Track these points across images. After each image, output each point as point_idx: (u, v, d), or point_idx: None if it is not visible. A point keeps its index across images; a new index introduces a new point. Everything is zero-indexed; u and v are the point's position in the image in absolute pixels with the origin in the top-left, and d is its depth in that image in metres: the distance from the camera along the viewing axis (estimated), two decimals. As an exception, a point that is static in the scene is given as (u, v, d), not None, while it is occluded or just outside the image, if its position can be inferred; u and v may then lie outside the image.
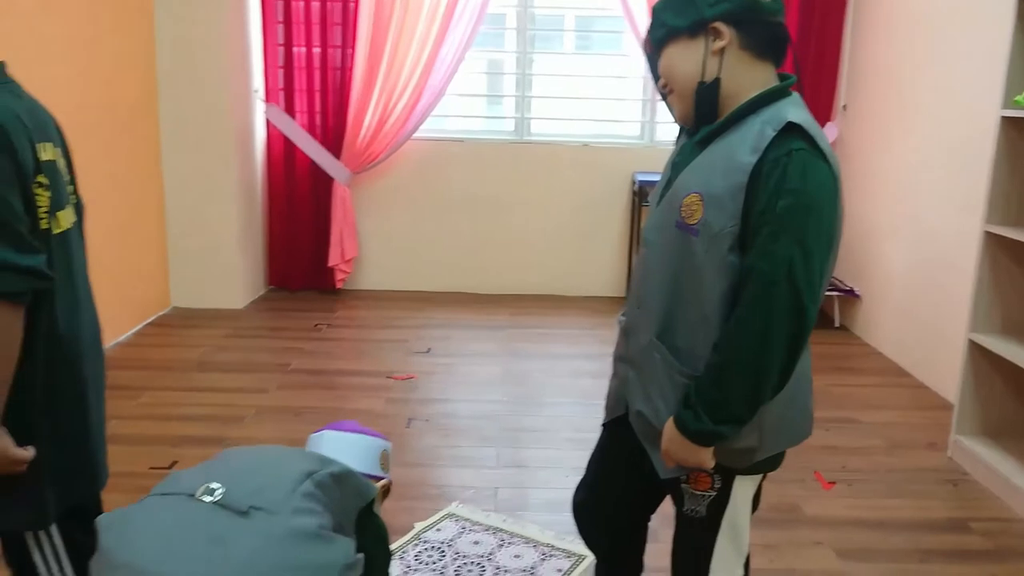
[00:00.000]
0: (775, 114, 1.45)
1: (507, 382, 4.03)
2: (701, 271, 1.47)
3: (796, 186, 1.38)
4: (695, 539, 1.67)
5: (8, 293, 1.45)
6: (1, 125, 1.46)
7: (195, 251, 5.02)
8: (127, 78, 4.48)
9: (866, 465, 3.24)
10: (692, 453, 1.50)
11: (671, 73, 1.54)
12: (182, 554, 1.31)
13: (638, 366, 1.65)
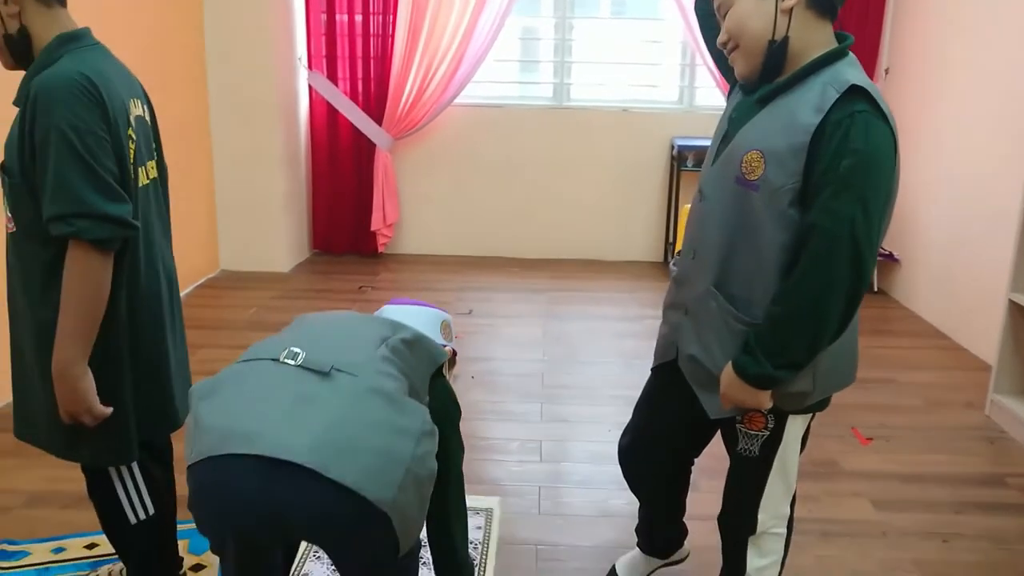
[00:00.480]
0: (836, 75, 1.50)
1: (548, 342, 4.12)
2: (760, 225, 1.54)
3: (859, 146, 1.43)
4: (748, 477, 1.76)
5: (99, 240, 1.57)
6: (92, 80, 1.59)
7: (242, 216, 5.16)
8: (176, 48, 4.59)
9: (904, 422, 3.29)
10: (751, 396, 1.58)
11: (740, 30, 1.55)
12: (270, 413, 1.35)
13: (692, 313, 1.73)
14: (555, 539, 2.46)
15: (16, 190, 1.62)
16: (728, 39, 1.59)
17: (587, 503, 2.66)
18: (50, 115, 1.54)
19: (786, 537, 1.84)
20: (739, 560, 1.82)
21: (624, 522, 2.52)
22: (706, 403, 1.74)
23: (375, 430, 1.37)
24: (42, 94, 1.55)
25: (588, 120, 5.51)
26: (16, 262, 1.69)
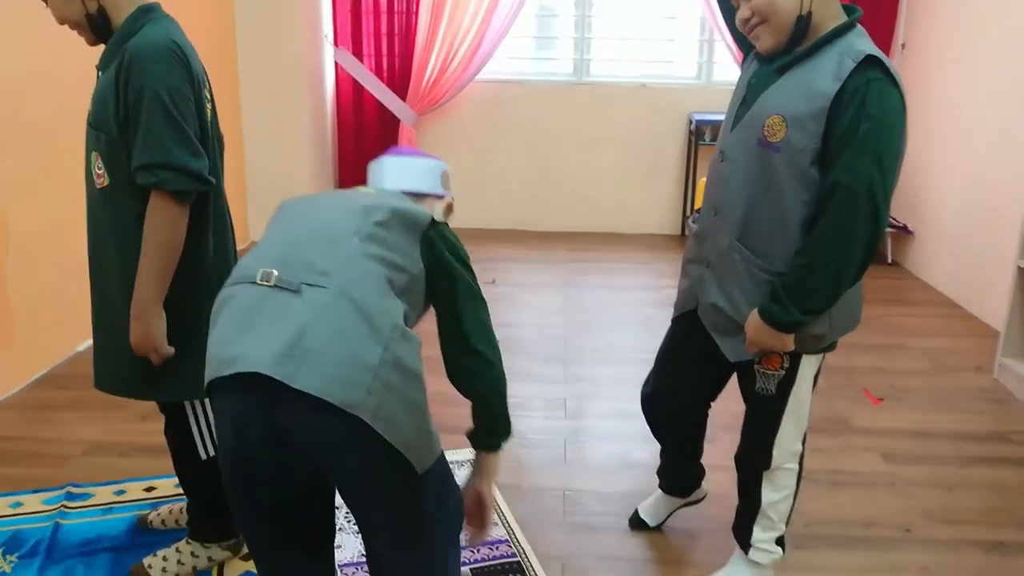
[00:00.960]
0: (850, 45, 1.64)
1: (570, 310, 4.27)
2: (781, 183, 1.69)
3: (875, 111, 1.59)
4: (764, 415, 1.91)
5: (179, 191, 1.73)
6: (179, 46, 1.77)
7: (270, 189, 5.31)
8: (207, 25, 4.73)
9: (914, 384, 3.42)
10: (777, 339, 1.74)
11: (771, 8, 1.66)
12: (247, 336, 1.37)
13: (714, 266, 1.88)
14: (580, 486, 2.62)
15: (115, 144, 1.77)
16: (752, 15, 1.70)
17: (610, 454, 2.82)
18: (144, 76, 1.70)
19: (798, 473, 1.99)
20: (755, 495, 1.97)
21: (646, 472, 2.68)
22: (725, 348, 1.88)
23: (340, 338, 1.35)
24: (137, 57, 1.71)
25: (607, 95, 5.62)
26: (107, 215, 1.84)
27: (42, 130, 3.25)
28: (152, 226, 1.75)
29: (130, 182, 1.77)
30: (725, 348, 1.89)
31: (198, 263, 1.87)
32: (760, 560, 2.03)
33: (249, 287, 1.44)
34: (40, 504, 2.45)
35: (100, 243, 1.89)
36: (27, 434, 2.87)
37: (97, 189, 1.84)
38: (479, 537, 1.73)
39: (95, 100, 1.81)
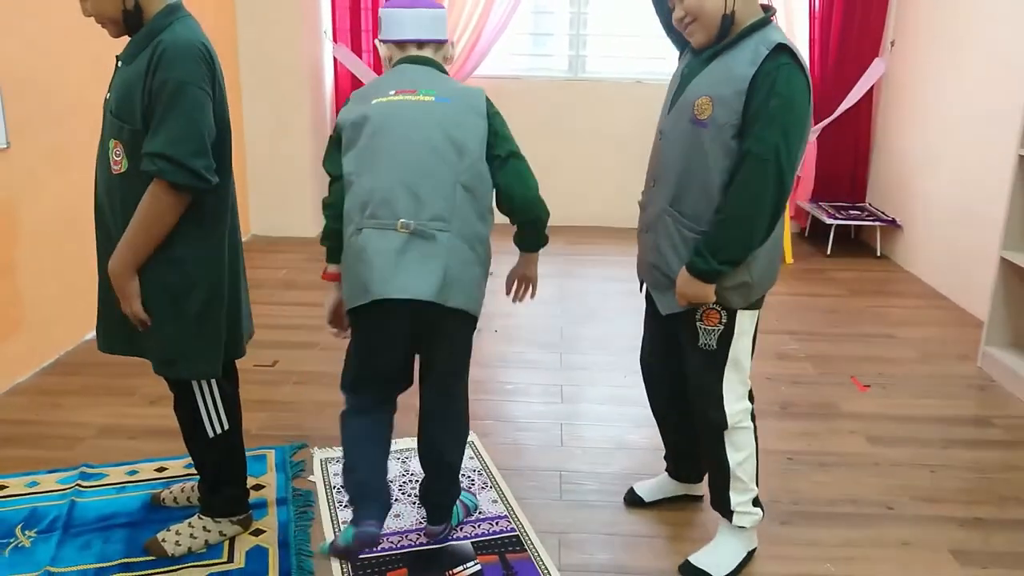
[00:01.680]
0: (764, 36, 1.89)
1: (565, 300, 4.37)
2: (707, 154, 1.93)
3: (783, 91, 1.84)
4: (708, 370, 2.09)
5: (173, 183, 1.84)
6: (208, 48, 1.88)
7: (271, 183, 5.40)
8: (208, 21, 4.81)
9: (900, 372, 3.52)
10: (700, 288, 1.96)
11: (700, 9, 1.92)
12: (404, 274, 1.93)
13: (651, 229, 2.11)
14: (576, 467, 2.71)
15: (137, 135, 1.86)
16: (685, 15, 1.96)
17: (605, 437, 2.91)
18: (171, 70, 1.80)
19: (753, 431, 2.16)
20: (721, 458, 2.13)
21: (640, 454, 2.78)
22: (660, 302, 2.13)
23: (465, 268, 2.00)
24: (168, 52, 1.80)
25: (603, 92, 5.71)
26: (121, 199, 1.92)
27: (53, 120, 3.33)
28: (145, 206, 1.86)
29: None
30: (659, 303, 2.13)
31: (220, 254, 1.99)
32: (744, 523, 2.17)
33: (390, 233, 1.95)
34: (55, 483, 2.53)
35: (111, 225, 1.98)
36: (39, 418, 2.96)
37: (114, 174, 1.92)
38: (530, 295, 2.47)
39: (118, 90, 1.90)
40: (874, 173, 5.66)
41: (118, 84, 1.92)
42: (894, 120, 5.37)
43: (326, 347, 3.65)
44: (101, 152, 1.97)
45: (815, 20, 5.40)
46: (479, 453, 2.78)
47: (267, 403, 3.09)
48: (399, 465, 2.70)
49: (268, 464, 2.67)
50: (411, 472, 2.66)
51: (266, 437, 2.84)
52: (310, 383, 3.30)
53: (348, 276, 2.02)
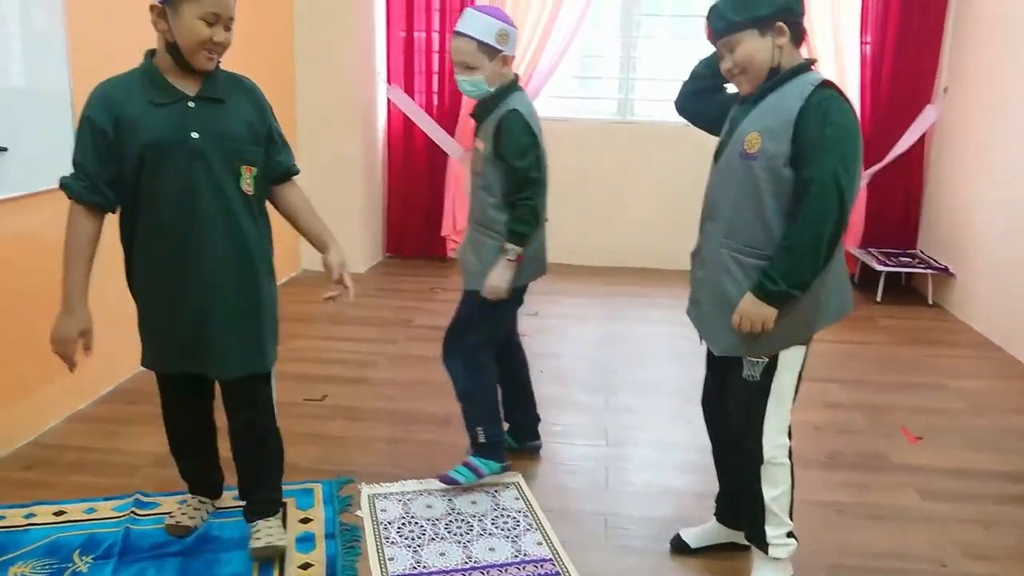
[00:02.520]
0: (807, 78, 2.02)
1: (611, 342, 4.38)
2: (759, 184, 2.02)
3: (836, 119, 1.94)
4: (751, 402, 2.13)
5: None
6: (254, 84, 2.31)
7: (323, 219, 5.50)
8: (269, 64, 4.98)
9: (952, 424, 3.46)
10: (763, 310, 2.02)
11: (749, 61, 2.04)
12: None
13: (706, 265, 2.18)
14: (621, 511, 2.71)
15: (261, 157, 2.24)
16: (733, 67, 2.07)
17: (650, 482, 2.91)
18: (264, 101, 2.29)
19: (790, 468, 2.17)
20: (755, 493, 2.16)
21: (686, 500, 2.77)
22: (710, 340, 2.20)
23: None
24: (254, 86, 2.30)
25: (651, 134, 5.76)
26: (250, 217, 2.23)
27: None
28: (307, 198, 2.51)
29: (262, 187, 2.27)
30: (711, 341, 2.20)
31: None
32: (780, 555, 2.20)
33: None
34: (111, 511, 2.61)
35: (217, 245, 2.17)
36: (98, 445, 3.05)
37: (244, 195, 2.20)
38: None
39: (229, 123, 2.17)
40: (926, 220, 5.60)
41: (223, 119, 2.15)
42: (947, 166, 5.32)
43: (375, 383, 3.71)
44: (211, 182, 2.13)
45: (866, 65, 5.40)
46: (524, 494, 2.79)
47: (316, 437, 3.15)
48: (445, 503, 2.73)
49: (316, 498, 2.71)
50: (457, 510, 2.68)
51: (314, 471, 2.89)
52: (359, 419, 3.35)
53: (536, 257, 2.73)
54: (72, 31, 3.14)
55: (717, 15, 2.07)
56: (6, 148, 2.84)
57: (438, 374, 3.86)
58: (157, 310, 2.26)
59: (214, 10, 2.04)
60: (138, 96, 2.10)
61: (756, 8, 2.01)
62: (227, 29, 2.10)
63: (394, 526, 2.59)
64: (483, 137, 2.66)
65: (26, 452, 2.98)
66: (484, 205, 2.68)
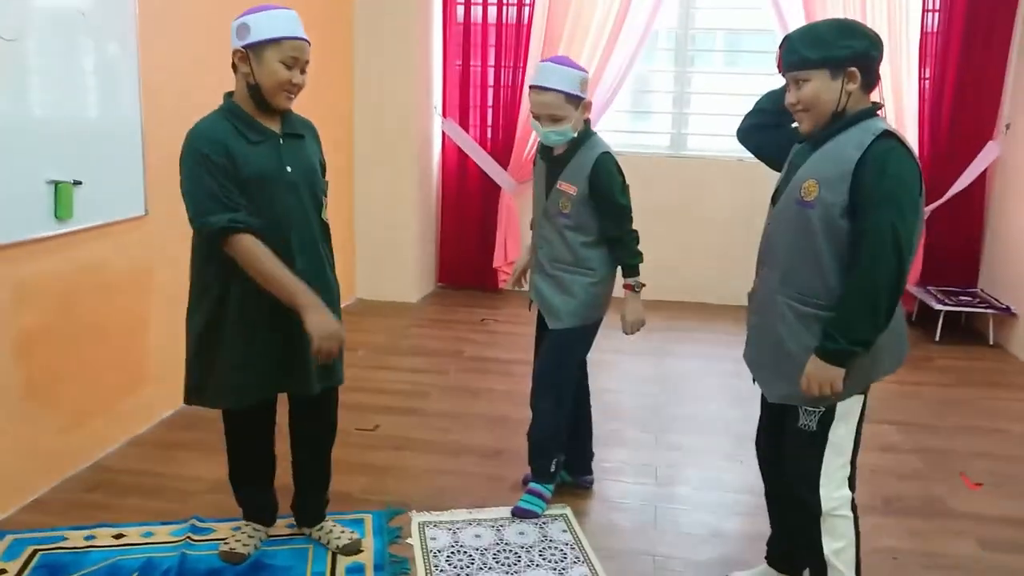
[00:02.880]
0: (869, 125, 1.97)
1: (661, 378, 4.35)
2: (815, 233, 1.99)
3: (895, 172, 1.90)
4: (806, 452, 2.07)
5: None
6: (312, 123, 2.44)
7: (378, 249, 5.62)
8: (328, 97, 5.12)
9: (1014, 471, 3.36)
10: (830, 372, 1.96)
11: (815, 101, 2.00)
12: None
13: (762, 311, 2.16)
14: (669, 552, 2.69)
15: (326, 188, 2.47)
16: (798, 102, 2.03)
17: (699, 523, 2.88)
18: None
19: (854, 521, 2.09)
20: (815, 546, 2.09)
21: (736, 543, 2.73)
22: (767, 388, 2.18)
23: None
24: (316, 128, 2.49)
25: (704, 169, 5.76)
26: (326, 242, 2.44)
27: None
28: None
29: None
30: (767, 389, 2.17)
31: None
32: None
33: None
34: (168, 535, 2.67)
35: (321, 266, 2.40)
36: (156, 469, 3.13)
37: (324, 223, 2.43)
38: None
39: (310, 158, 2.38)
40: (987, 258, 5.48)
41: (306, 154, 2.37)
42: (1009, 204, 5.20)
43: (426, 414, 3.75)
44: (302, 212, 2.33)
45: (925, 101, 5.33)
46: (572, 527, 2.79)
47: (367, 467, 3.19)
48: (494, 533, 2.74)
49: (366, 529, 2.74)
50: (504, 541, 2.70)
51: (364, 501, 2.92)
52: (410, 449, 3.38)
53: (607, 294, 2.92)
54: (144, 66, 3.28)
55: (791, 48, 2.02)
56: (81, 181, 2.96)
57: (487, 406, 3.92)
58: (258, 337, 2.31)
59: (293, 54, 2.21)
60: (232, 134, 2.23)
61: (833, 49, 1.96)
62: (303, 72, 2.25)
63: (443, 554, 2.62)
64: (571, 180, 2.75)
65: (87, 475, 3.07)
66: (574, 245, 2.79)
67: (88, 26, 3.00)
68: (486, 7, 5.67)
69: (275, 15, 2.21)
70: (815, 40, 1.98)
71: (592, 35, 5.46)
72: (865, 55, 1.97)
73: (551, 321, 2.85)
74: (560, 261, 2.82)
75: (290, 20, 2.23)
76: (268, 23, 2.18)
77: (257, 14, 2.20)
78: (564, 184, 2.76)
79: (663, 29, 5.78)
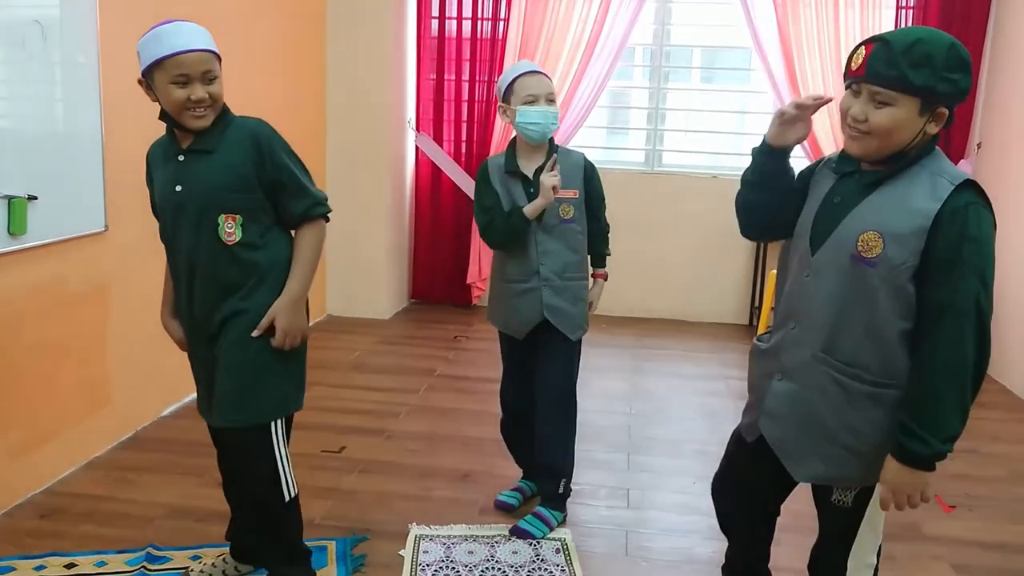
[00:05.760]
0: (940, 167, 1.71)
1: (635, 397, 4.30)
2: (876, 296, 1.70)
3: (975, 234, 1.64)
4: (840, 526, 1.88)
5: (327, 216, 2.29)
6: (263, 122, 2.19)
7: (349, 265, 5.53)
8: (302, 111, 5.04)
9: (988, 492, 3.33)
10: (918, 479, 1.71)
11: (888, 131, 1.67)
12: None
13: (794, 377, 1.85)
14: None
15: (256, 204, 2.15)
16: (865, 123, 1.69)
17: (672, 549, 2.81)
18: (275, 145, 2.17)
19: None
20: None
21: (709, 569, 2.67)
22: (794, 466, 1.86)
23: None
24: (263, 132, 2.17)
25: (679, 185, 5.74)
26: (234, 266, 2.15)
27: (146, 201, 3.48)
28: (314, 245, 2.22)
29: (262, 233, 2.16)
30: (794, 467, 1.87)
31: None
32: None
33: None
34: (123, 564, 2.57)
35: (206, 294, 2.17)
36: (112, 494, 3.02)
37: (224, 246, 2.13)
38: None
39: (214, 174, 2.12)
40: (959, 276, 5.48)
41: (209, 170, 2.12)
42: (981, 223, 5.21)
43: (394, 435, 3.66)
44: (195, 232, 2.13)
45: (898, 121, 5.34)
46: (567, 549, 2.73)
47: (331, 491, 3.10)
48: (487, 550, 2.70)
49: (329, 556, 2.66)
50: (496, 558, 2.67)
51: (328, 528, 2.83)
52: (376, 472, 3.30)
53: None
54: (106, 77, 3.19)
55: (891, 59, 1.64)
56: (36, 196, 2.87)
57: (458, 427, 3.84)
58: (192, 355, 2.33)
59: (179, 71, 2.03)
60: (160, 155, 2.22)
61: (937, 80, 1.63)
62: (207, 83, 2.07)
63: (431, 568, 2.59)
64: (568, 185, 2.74)
65: (40, 500, 2.96)
66: (579, 251, 2.82)
67: (45, 36, 2.91)
68: (460, 21, 5.63)
69: (157, 34, 2.05)
70: (924, 60, 1.63)
71: (567, 51, 5.43)
72: (960, 95, 1.68)
73: (571, 333, 2.84)
74: (571, 270, 2.80)
75: (171, 35, 2.04)
76: (151, 46, 2.05)
77: (144, 37, 2.08)
78: (563, 191, 2.72)
79: (639, 46, 5.76)
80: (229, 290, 2.16)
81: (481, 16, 5.58)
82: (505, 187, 2.76)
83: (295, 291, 2.18)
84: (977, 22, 5.20)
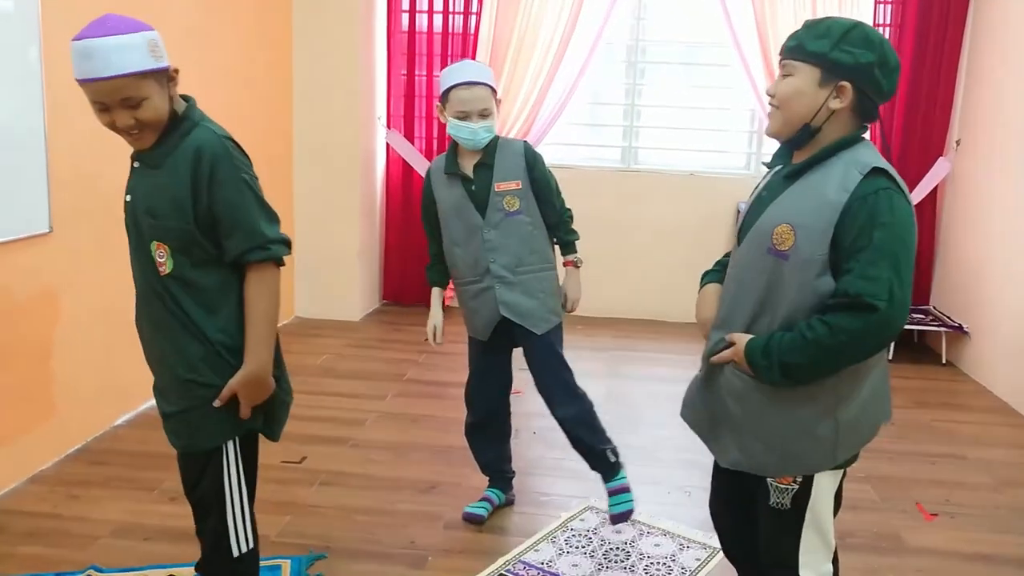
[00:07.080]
0: (856, 157, 1.68)
1: (611, 402, 4.17)
2: (788, 290, 1.70)
3: (887, 219, 1.61)
4: (783, 531, 1.82)
5: (280, 260, 1.91)
6: (228, 136, 1.88)
7: (318, 265, 5.38)
8: (267, 107, 4.88)
9: (971, 500, 3.24)
10: (741, 360, 1.74)
11: (789, 100, 1.72)
12: None
13: (712, 369, 1.87)
14: (613, 598, 2.50)
15: (186, 235, 1.83)
16: (773, 95, 1.75)
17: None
18: (222, 170, 1.82)
19: None
20: None
21: (682, 585, 2.55)
22: (717, 454, 1.91)
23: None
24: (211, 155, 1.82)
25: (655, 183, 5.62)
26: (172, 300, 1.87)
27: (98, 208, 3.32)
28: (265, 296, 1.88)
29: (200, 265, 1.86)
30: (718, 455, 1.90)
31: None
32: None
33: None
34: (61, 588, 2.42)
35: (157, 323, 1.92)
36: (56, 511, 2.86)
37: (160, 276, 1.87)
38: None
39: (151, 194, 1.86)
40: (939, 275, 5.41)
41: (149, 188, 1.88)
42: (960, 221, 5.14)
43: (359, 444, 3.52)
44: (140, 253, 1.92)
45: (877, 117, 5.26)
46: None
47: (289, 505, 2.96)
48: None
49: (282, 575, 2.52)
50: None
51: (283, 545, 2.69)
52: (338, 484, 3.16)
53: None
54: (49, 72, 3.02)
55: (795, 32, 1.74)
56: (-29, 196, 2.70)
57: (426, 435, 3.71)
58: None
59: (95, 99, 1.79)
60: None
61: (832, 49, 1.65)
62: (132, 108, 1.78)
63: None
64: (509, 177, 2.67)
65: (-20, 518, 2.80)
66: (535, 241, 2.75)
67: (-19, 27, 2.75)
68: (431, 16, 5.49)
69: (73, 50, 1.77)
70: (822, 32, 1.67)
71: (541, 46, 5.30)
72: (866, 71, 1.66)
73: (535, 327, 2.75)
74: (524, 264, 2.71)
75: (81, 56, 1.75)
76: (73, 63, 1.78)
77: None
78: (504, 184, 2.65)
79: (615, 41, 5.64)
80: (159, 328, 1.92)
81: (453, 10, 5.44)
82: (448, 187, 2.72)
83: (251, 370, 1.87)
84: (956, 16, 5.13)
